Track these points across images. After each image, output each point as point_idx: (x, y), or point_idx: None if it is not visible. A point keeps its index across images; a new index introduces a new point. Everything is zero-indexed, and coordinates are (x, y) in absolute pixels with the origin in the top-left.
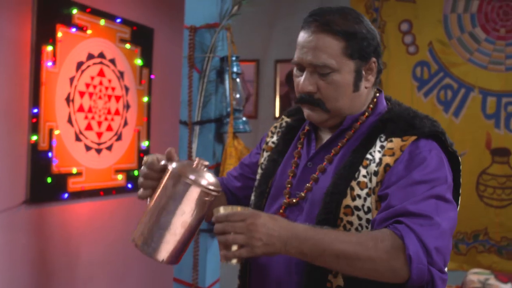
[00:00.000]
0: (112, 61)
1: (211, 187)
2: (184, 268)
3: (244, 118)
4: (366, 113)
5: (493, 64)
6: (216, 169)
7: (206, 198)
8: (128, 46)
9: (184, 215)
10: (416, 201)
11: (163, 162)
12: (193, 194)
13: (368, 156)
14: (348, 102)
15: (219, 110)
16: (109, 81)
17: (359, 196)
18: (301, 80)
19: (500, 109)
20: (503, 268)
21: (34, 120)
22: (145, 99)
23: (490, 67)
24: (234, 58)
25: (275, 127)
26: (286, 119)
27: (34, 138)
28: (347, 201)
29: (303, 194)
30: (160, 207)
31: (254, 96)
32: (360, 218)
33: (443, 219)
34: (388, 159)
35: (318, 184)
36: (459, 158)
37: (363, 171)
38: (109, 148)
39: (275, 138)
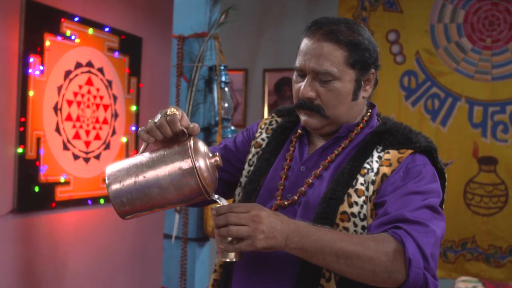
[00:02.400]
0: (100, 70)
1: (209, 191)
2: (173, 277)
3: (232, 127)
4: (361, 125)
5: (480, 74)
6: None
7: (198, 195)
8: (116, 55)
9: (169, 192)
10: (412, 209)
11: (182, 128)
12: (190, 183)
13: (366, 165)
14: (346, 110)
15: (208, 119)
16: (97, 90)
17: (356, 203)
18: (302, 85)
19: (487, 118)
20: (491, 276)
21: (22, 129)
22: (134, 108)
23: (477, 76)
24: (222, 68)
25: (265, 124)
26: (276, 118)
27: (22, 147)
28: (344, 207)
29: (296, 198)
30: (153, 167)
31: (242, 105)
32: (355, 225)
33: (437, 227)
34: (385, 169)
35: (313, 189)
36: (445, 174)
37: (360, 179)
38: (97, 157)
39: (264, 135)
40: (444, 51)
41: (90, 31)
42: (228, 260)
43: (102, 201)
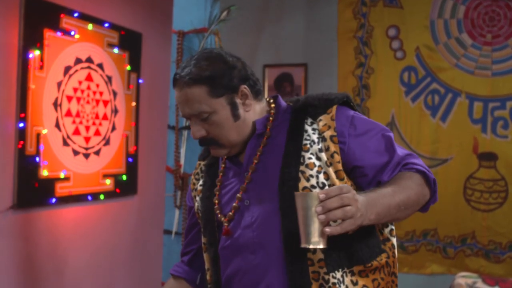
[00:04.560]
0: (100, 65)
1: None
2: None
3: None
4: (271, 118)
5: (480, 70)
6: None
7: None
8: (116, 50)
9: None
10: (394, 149)
11: None
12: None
13: (305, 142)
14: (235, 132)
15: None
16: (97, 85)
17: (311, 175)
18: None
19: (487, 114)
20: (491, 272)
21: (22, 124)
22: (133, 103)
23: (477, 72)
24: None
25: (197, 174)
26: (202, 163)
27: (21, 143)
28: (303, 183)
29: (239, 195)
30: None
31: None
32: None
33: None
34: (328, 133)
35: (256, 181)
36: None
37: (307, 155)
38: (97, 152)
39: (201, 182)
40: (444, 46)
41: (90, 26)
42: (320, 246)
43: (102, 197)
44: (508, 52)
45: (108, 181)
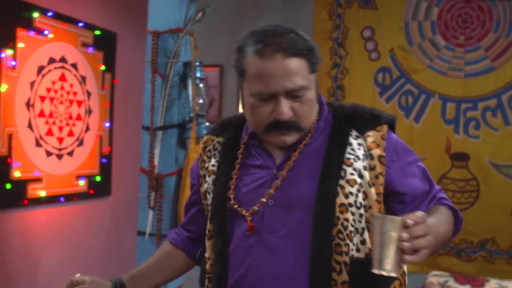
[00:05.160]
0: (74, 65)
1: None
2: None
3: (207, 123)
4: (316, 117)
5: (453, 71)
6: (178, 175)
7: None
8: (90, 50)
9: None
10: (430, 181)
11: None
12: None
13: (348, 155)
14: (314, 115)
15: (182, 115)
16: (71, 85)
17: (351, 193)
18: (276, 109)
19: (459, 114)
20: (462, 270)
21: None
22: (108, 104)
23: (450, 73)
24: (197, 64)
25: (209, 151)
26: (216, 139)
27: None
28: (341, 199)
29: (271, 191)
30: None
31: (217, 101)
32: (353, 214)
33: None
34: (377, 151)
35: (284, 190)
36: None
37: (349, 170)
38: (71, 153)
39: (213, 161)
40: (418, 48)
41: (64, 26)
42: (393, 274)
43: (74, 198)
44: (481, 54)
45: (81, 182)
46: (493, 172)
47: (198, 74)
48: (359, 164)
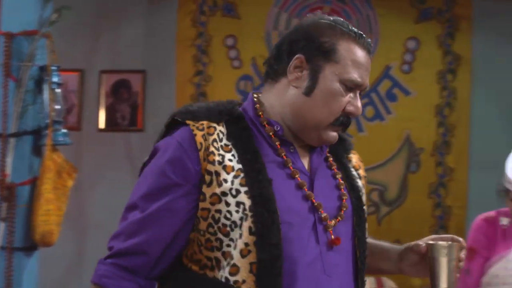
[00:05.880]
0: None
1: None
2: None
3: (64, 130)
4: None
5: None
6: (32, 184)
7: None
8: None
9: None
10: None
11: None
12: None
13: (353, 171)
14: None
15: (37, 121)
16: None
17: (365, 209)
18: (355, 102)
19: None
20: None
21: None
22: None
23: None
24: (54, 68)
25: (215, 141)
26: (219, 127)
27: None
28: (364, 212)
29: (342, 212)
30: None
31: (77, 107)
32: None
33: None
34: (362, 172)
35: (318, 189)
36: None
37: (359, 183)
38: None
39: (229, 156)
40: None
41: None
42: None
43: None
44: None
45: None
46: None
47: (55, 79)
48: (359, 181)
